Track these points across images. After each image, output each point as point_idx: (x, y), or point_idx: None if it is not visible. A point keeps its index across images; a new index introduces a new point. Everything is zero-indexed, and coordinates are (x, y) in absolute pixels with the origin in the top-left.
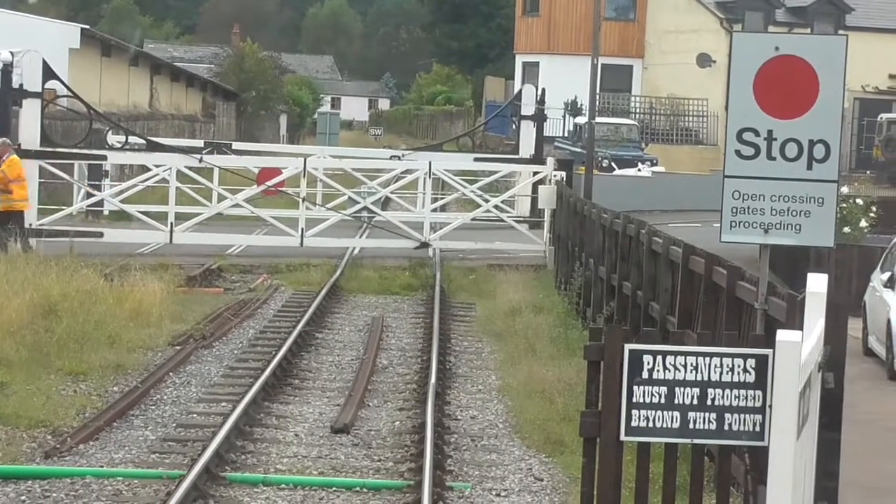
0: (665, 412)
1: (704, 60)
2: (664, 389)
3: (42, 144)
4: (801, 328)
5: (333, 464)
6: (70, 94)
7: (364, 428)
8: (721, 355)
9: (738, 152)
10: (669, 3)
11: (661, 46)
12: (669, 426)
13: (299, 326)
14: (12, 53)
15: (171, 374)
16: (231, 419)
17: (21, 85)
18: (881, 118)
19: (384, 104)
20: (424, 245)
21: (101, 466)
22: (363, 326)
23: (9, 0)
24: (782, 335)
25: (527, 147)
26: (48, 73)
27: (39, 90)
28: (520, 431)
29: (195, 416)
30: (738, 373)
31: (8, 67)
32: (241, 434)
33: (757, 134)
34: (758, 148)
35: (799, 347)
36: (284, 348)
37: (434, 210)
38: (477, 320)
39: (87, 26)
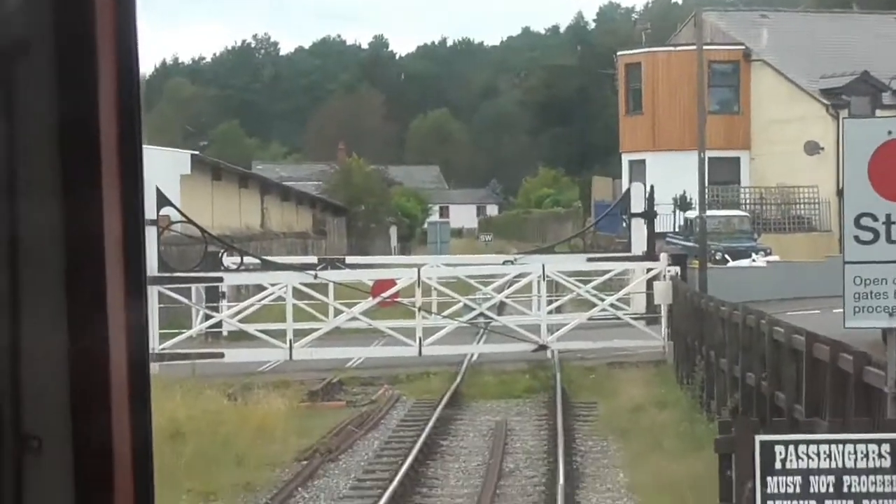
0: (801, 502)
1: (812, 148)
2: (798, 479)
3: (160, 270)
4: None
5: None
6: (184, 219)
7: None
8: (855, 442)
9: (856, 238)
10: (773, 94)
11: (768, 136)
12: None
13: (423, 435)
14: None
15: (299, 489)
16: None
17: None
18: None
19: (492, 210)
20: (542, 347)
21: None
22: (487, 431)
23: None
24: None
25: (639, 244)
26: (162, 200)
27: (154, 218)
28: None
29: None
30: (874, 458)
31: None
32: None
33: (875, 219)
34: (877, 233)
35: None
36: (410, 458)
37: (550, 312)
38: (600, 419)
39: (197, 152)
